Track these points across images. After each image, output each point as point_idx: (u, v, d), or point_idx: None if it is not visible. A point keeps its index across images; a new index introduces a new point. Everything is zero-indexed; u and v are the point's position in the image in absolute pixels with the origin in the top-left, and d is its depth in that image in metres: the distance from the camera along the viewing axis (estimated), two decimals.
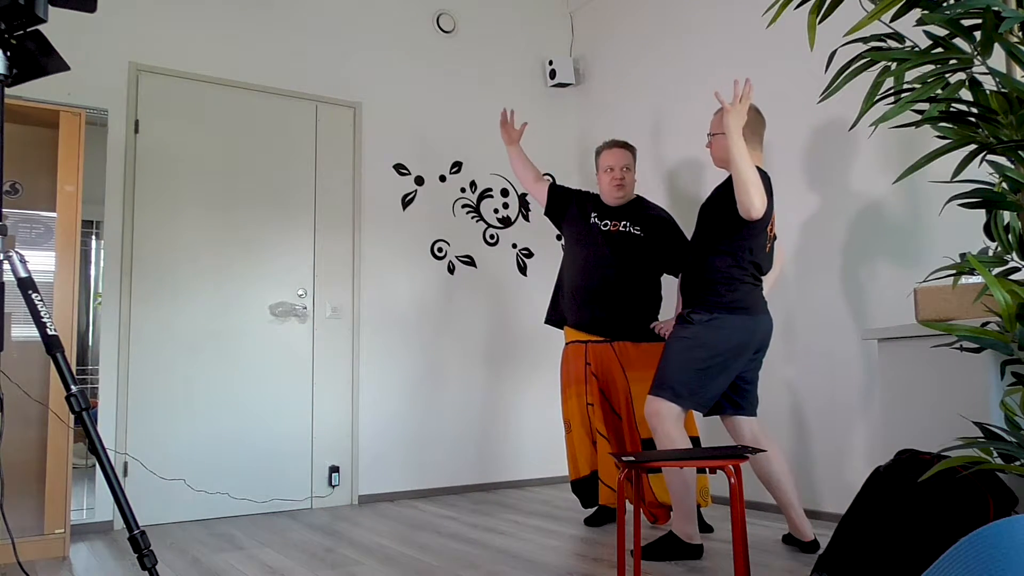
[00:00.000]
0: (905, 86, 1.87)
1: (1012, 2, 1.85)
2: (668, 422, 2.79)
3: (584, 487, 3.50)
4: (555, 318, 3.67)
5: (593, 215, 3.55)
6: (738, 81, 2.75)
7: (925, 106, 2.22)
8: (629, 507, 3.53)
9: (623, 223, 3.48)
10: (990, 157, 1.86)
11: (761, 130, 2.94)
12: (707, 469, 3.34)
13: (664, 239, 3.47)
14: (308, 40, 4.25)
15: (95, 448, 1.90)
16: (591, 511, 3.65)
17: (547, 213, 3.70)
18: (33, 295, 1.95)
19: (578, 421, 3.50)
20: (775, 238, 2.99)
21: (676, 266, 3.48)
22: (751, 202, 2.63)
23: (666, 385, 2.82)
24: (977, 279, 2.37)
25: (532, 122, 5.00)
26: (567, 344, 3.58)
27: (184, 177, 3.83)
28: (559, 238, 4.78)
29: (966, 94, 2.19)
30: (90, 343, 3.68)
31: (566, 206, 3.64)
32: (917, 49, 1.86)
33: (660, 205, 3.72)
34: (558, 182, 5.02)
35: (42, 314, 1.95)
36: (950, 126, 1.82)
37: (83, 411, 1.92)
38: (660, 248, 3.46)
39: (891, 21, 1.92)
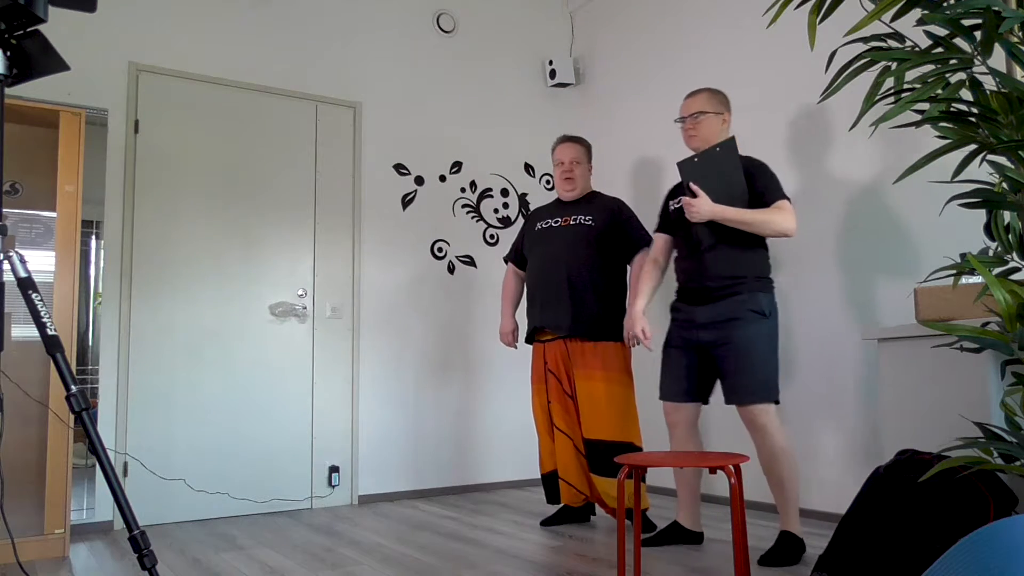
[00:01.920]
0: (905, 86, 1.87)
1: (1012, 2, 1.84)
2: (778, 423, 2.81)
3: (548, 482, 3.54)
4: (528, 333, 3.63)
5: (540, 223, 3.56)
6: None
7: (925, 106, 2.22)
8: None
9: (573, 217, 3.48)
10: (990, 157, 1.86)
11: (728, 109, 3.04)
12: (709, 470, 3.34)
13: (615, 226, 3.41)
14: (308, 40, 4.25)
15: (95, 448, 1.90)
16: (554, 510, 3.74)
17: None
18: (33, 295, 1.95)
19: (539, 419, 3.53)
20: None
21: (627, 253, 3.45)
22: (786, 232, 2.78)
23: (772, 386, 2.81)
24: (977, 279, 2.37)
25: (532, 122, 5.00)
26: (529, 342, 3.61)
27: (184, 177, 3.83)
28: None
29: (966, 94, 2.19)
30: (90, 343, 3.68)
31: (522, 245, 3.67)
32: (917, 49, 1.86)
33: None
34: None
35: (42, 314, 1.95)
36: (950, 126, 1.82)
37: (83, 411, 1.92)
38: (612, 236, 3.41)
39: (891, 21, 1.92)
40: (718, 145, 2.81)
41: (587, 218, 3.45)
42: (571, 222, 3.47)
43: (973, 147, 1.79)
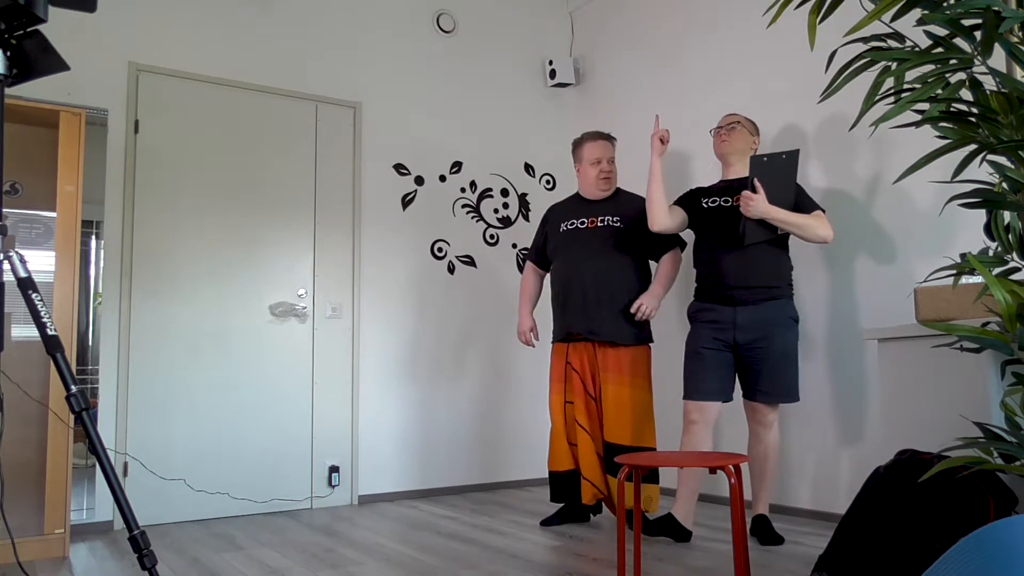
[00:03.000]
0: (905, 86, 1.87)
1: (1012, 2, 1.85)
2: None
3: (557, 481, 3.51)
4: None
5: (564, 224, 3.53)
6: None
7: (925, 106, 2.22)
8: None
9: (600, 218, 3.46)
10: (990, 157, 1.85)
11: (758, 135, 3.27)
12: (713, 469, 3.34)
13: (644, 226, 3.38)
14: (308, 40, 4.25)
15: (95, 448, 1.90)
16: (554, 511, 3.72)
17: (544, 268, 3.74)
18: (33, 295, 1.95)
19: (558, 418, 3.51)
20: None
21: (657, 250, 3.45)
22: (825, 238, 2.95)
23: (796, 387, 3.05)
24: (977, 279, 2.37)
25: (532, 122, 5.00)
26: (553, 343, 3.60)
27: (184, 177, 3.83)
28: None
29: (966, 94, 2.18)
30: (90, 343, 3.68)
31: (544, 244, 3.67)
32: (917, 49, 1.86)
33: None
34: (557, 185, 5.04)
35: (42, 314, 1.95)
36: (950, 126, 1.82)
37: (83, 411, 1.92)
38: (640, 235, 3.42)
39: (891, 21, 1.92)
40: (784, 152, 2.95)
41: (614, 219, 3.44)
42: (598, 223, 3.45)
43: (973, 147, 1.79)
